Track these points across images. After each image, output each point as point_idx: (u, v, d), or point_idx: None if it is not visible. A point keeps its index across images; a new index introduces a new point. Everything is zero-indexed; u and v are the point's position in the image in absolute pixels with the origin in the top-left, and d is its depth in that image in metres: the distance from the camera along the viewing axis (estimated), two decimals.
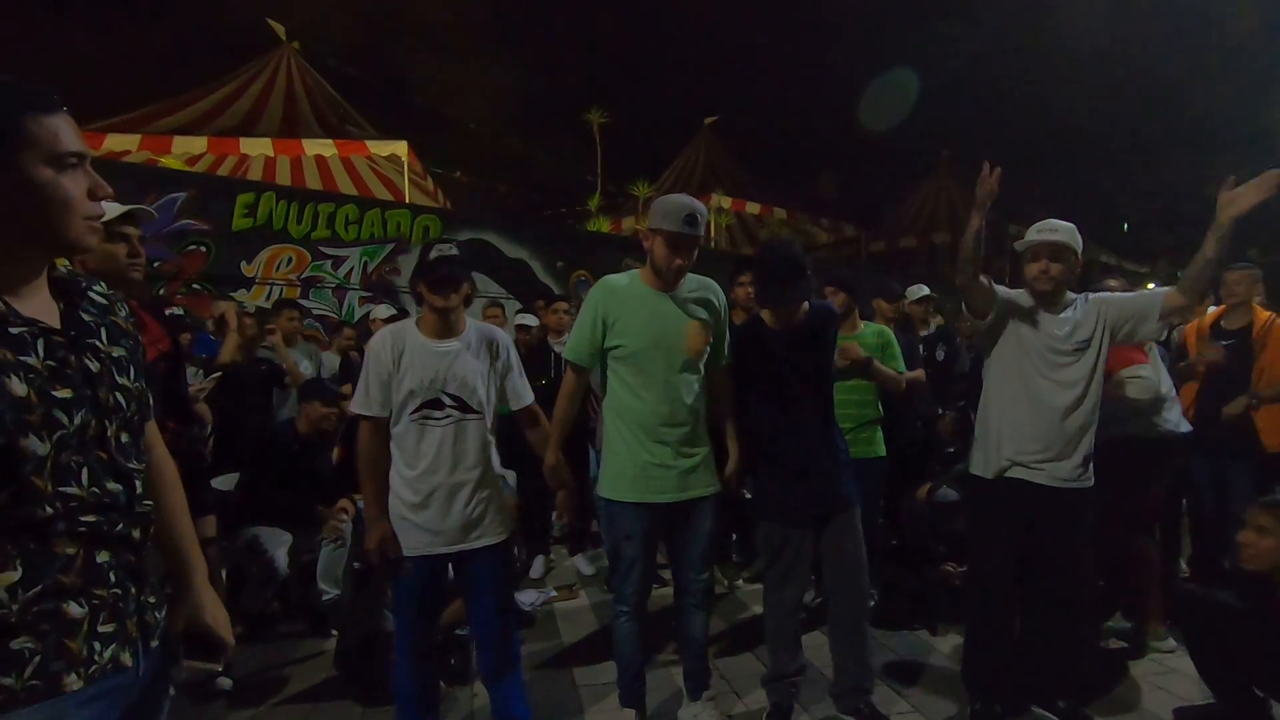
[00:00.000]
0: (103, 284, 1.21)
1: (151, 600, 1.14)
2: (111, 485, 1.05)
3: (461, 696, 2.92)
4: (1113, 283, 4.01)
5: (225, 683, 2.95)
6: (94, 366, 1.07)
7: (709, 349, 2.50)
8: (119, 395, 1.10)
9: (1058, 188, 18.29)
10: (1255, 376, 3.52)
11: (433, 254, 2.27)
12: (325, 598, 3.57)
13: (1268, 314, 3.64)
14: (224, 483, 3.73)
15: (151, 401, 1.21)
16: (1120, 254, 17.39)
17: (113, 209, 2.12)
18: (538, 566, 4.49)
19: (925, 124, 18.45)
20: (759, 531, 2.80)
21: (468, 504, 2.28)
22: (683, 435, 2.43)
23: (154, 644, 1.13)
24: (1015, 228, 14.49)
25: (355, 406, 2.31)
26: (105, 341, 1.11)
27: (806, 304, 2.63)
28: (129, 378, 1.14)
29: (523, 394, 2.46)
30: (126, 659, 1.06)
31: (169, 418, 2.39)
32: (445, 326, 2.30)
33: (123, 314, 1.19)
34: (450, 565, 2.35)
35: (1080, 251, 2.64)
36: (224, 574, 3.24)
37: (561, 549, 4.84)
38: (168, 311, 3.95)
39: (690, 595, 2.59)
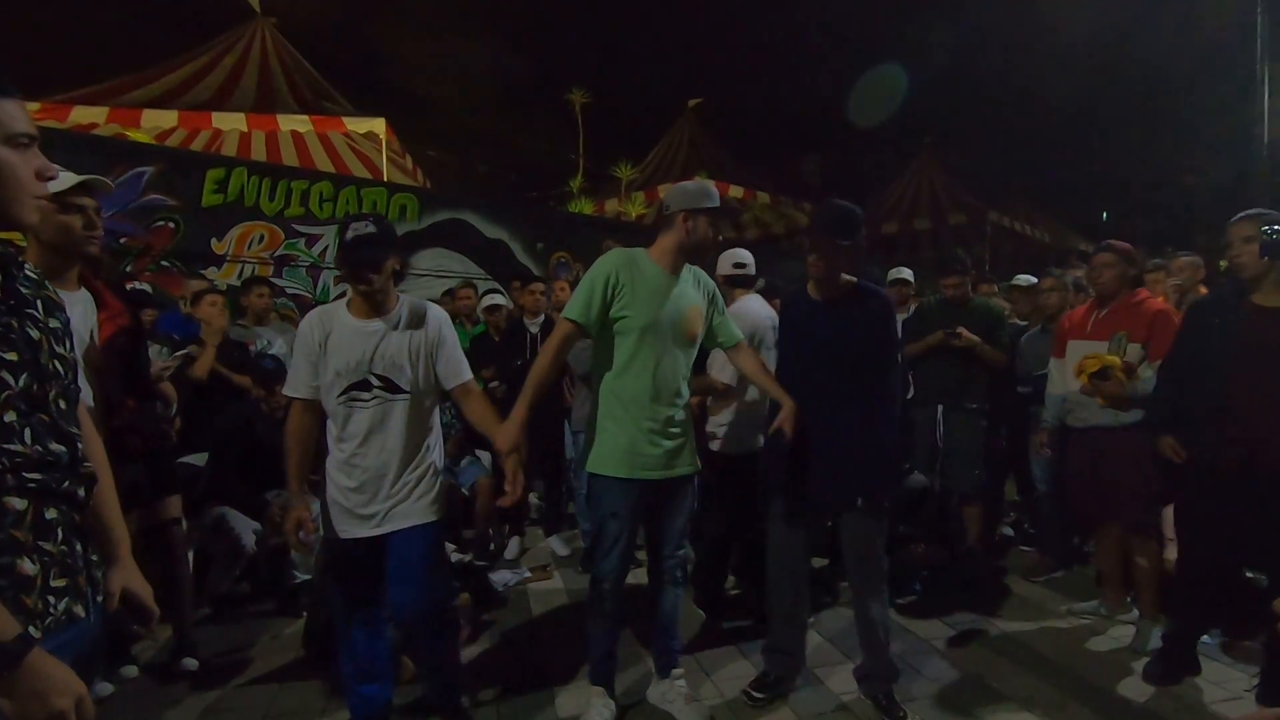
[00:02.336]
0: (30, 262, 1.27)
1: (95, 558, 1.19)
2: (54, 446, 1.10)
3: None
4: (1077, 273, 4.07)
5: (190, 663, 2.92)
6: (34, 334, 1.12)
7: (703, 333, 2.56)
8: (58, 363, 1.16)
9: (1038, 176, 18.41)
10: None
11: (349, 234, 2.16)
12: (297, 580, 3.56)
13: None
14: (199, 460, 3.69)
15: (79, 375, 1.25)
16: (1099, 243, 17.53)
17: (66, 179, 2.05)
18: (513, 547, 4.49)
19: (908, 110, 18.45)
20: (769, 502, 2.76)
21: (394, 485, 2.25)
22: (672, 415, 2.45)
23: (99, 598, 1.19)
24: (995, 214, 14.61)
25: (285, 388, 2.30)
26: (41, 312, 1.16)
27: (854, 280, 2.62)
28: (65, 348, 1.19)
29: (459, 371, 2.37)
30: (80, 611, 1.12)
31: (129, 394, 2.34)
32: (372, 306, 2.24)
33: (51, 289, 1.23)
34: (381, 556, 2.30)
35: None
36: (191, 555, 3.20)
37: (537, 530, 4.85)
38: (129, 286, 3.86)
39: (665, 573, 2.60)
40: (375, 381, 2.22)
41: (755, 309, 3.40)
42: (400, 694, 2.63)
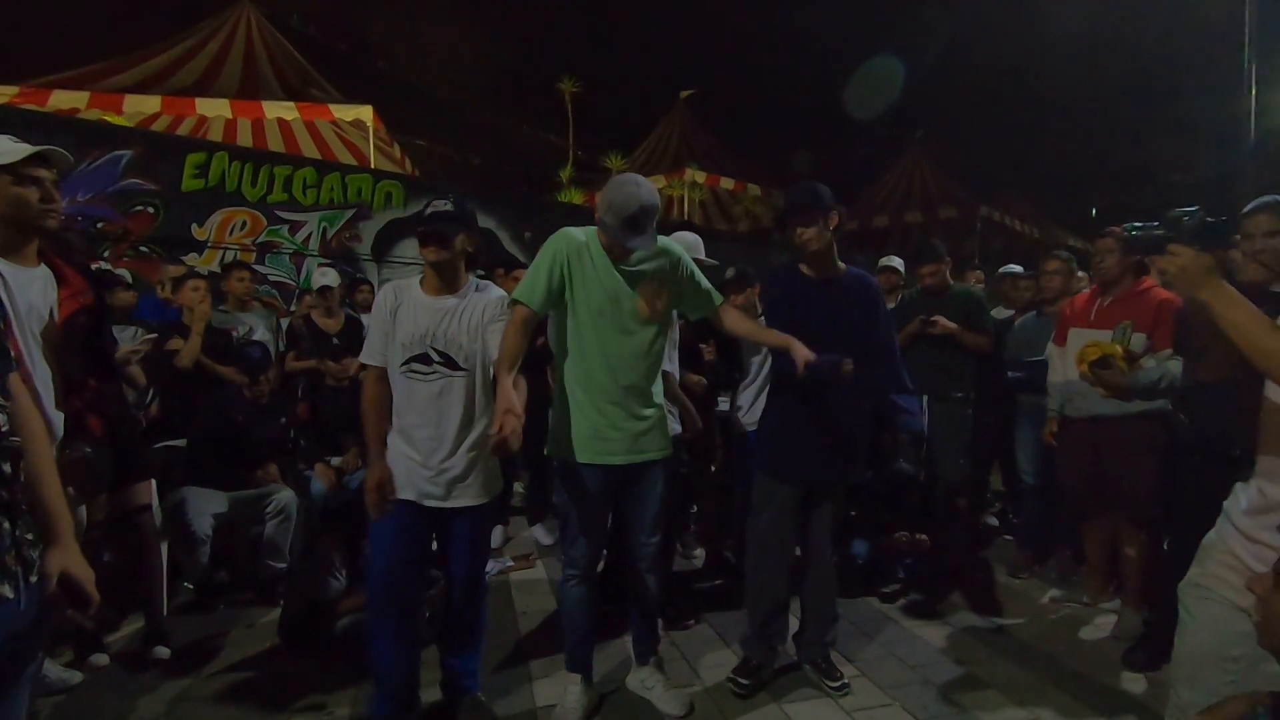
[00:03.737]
0: None
1: (29, 537, 1.14)
2: None
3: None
4: (1052, 264, 4.04)
5: (162, 652, 2.87)
6: None
7: (669, 307, 2.47)
8: None
9: (1029, 171, 18.45)
10: None
11: (428, 209, 2.27)
12: (273, 569, 3.51)
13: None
14: (181, 444, 3.64)
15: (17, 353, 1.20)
16: (1087, 238, 17.66)
17: (20, 150, 1.99)
18: (496, 536, 4.44)
19: (900, 104, 18.44)
20: (754, 481, 2.78)
21: (449, 460, 2.28)
22: (634, 398, 2.38)
23: (33, 579, 1.14)
24: (986, 209, 14.63)
25: (362, 355, 2.37)
26: None
27: (844, 266, 2.66)
28: None
29: (492, 352, 2.42)
30: (7, 590, 1.08)
31: (90, 375, 2.28)
32: (442, 283, 2.31)
33: None
34: (432, 530, 2.36)
35: None
36: (165, 546, 3.14)
37: (521, 519, 4.81)
38: (95, 267, 3.79)
39: (641, 560, 2.56)
40: (435, 356, 2.26)
41: None
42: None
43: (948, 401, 3.87)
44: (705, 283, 2.55)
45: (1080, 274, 4.30)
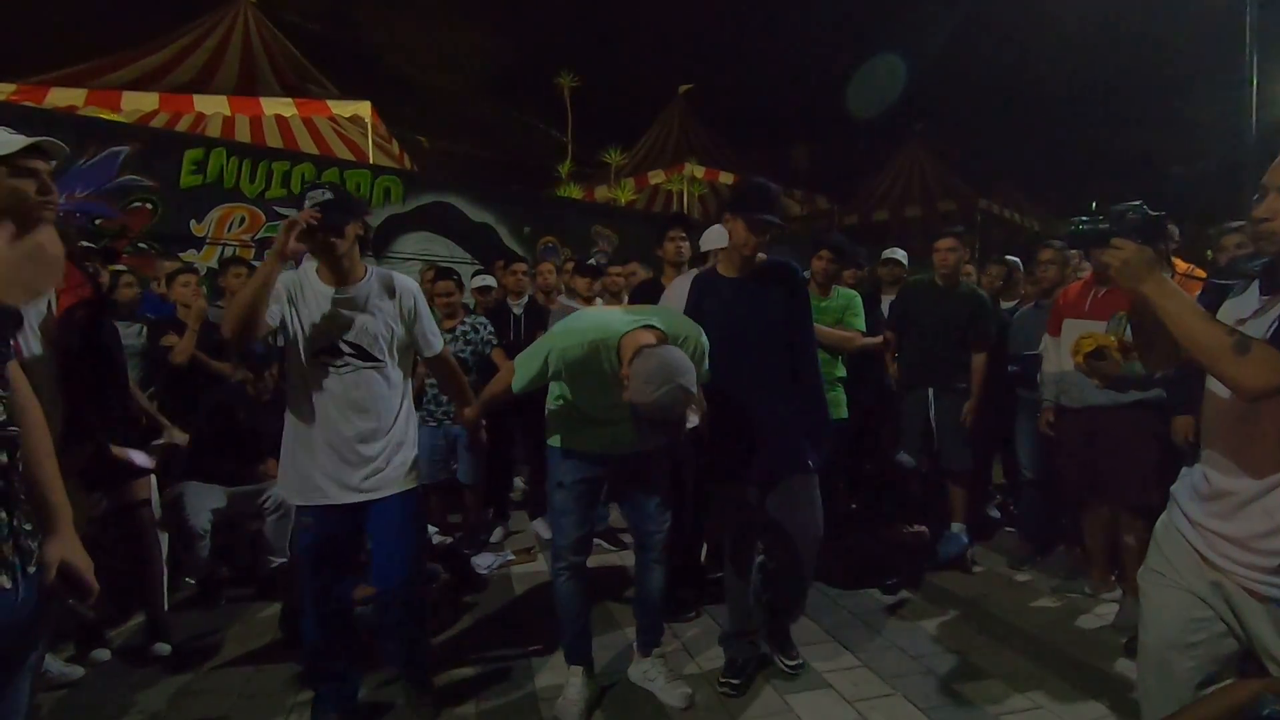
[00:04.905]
0: None
1: (28, 527, 1.14)
2: None
3: None
4: (1046, 254, 4.03)
5: (163, 648, 2.87)
6: None
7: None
8: None
9: (1029, 164, 18.42)
10: None
11: (306, 201, 2.14)
12: (274, 564, 3.52)
13: (1186, 265, 3.73)
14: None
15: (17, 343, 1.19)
16: None
17: (16, 141, 1.96)
18: (496, 533, 4.44)
19: (899, 98, 18.38)
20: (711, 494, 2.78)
21: (369, 452, 2.23)
22: (620, 410, 2.28)
23: (31, 569, 1.13)
24: (985, 202, 14.62)
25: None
26: None
27: (764, 255, 2.58)
28: None
29: (432, 342, 2.40)
30: (5, 581, 1.08)
31: (88, 367, 2.27)
32: (338, 274, 2.21)
33: None
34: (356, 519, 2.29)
35: None
36: (166, 538, 3.13)
37: (522, 513, 4.81)
38: (117, 268, 3.78)
39: (648, 550, 2.56)
40: (346, 349, 2.20)
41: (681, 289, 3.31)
42: (367, 681, 2.59)
43: (953, 393, 3.86)
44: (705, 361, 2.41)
45: (1085, 263, 4.28)
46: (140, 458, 2.85)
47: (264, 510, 3.51)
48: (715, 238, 3.03)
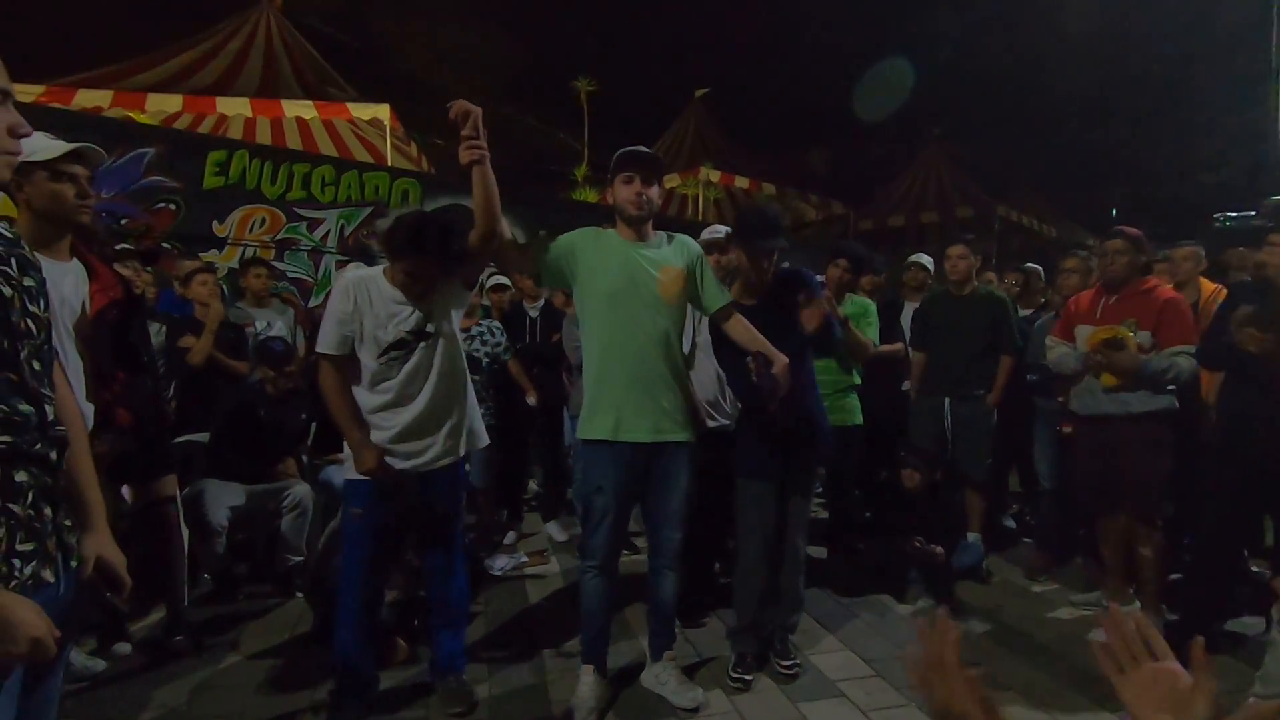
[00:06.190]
0: (5, 222, 1.25)
1: (68, 523, 1.17)
2: (23, 407, 1.07)
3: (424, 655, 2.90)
4: (1070, 262, 4.01)
5: (183, 643, 2.91)
6: (6, 291, 1.09)
7: (686, 296, 2.52)
8: (30, 321, 1.13)
9: (1047, 170, 18.24)
10: None
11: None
12: (290, 562, 3.56)
13: (1214, 286, 3.69)
14: (203, 438, 3.69)
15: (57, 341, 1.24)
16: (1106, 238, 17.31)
17: (57, 147, 2.03)
18: (510, 534, 4.47)
19: (916, 103, 18.28)
20: (737, 487, 2.82)
21: (431, 425, 2.40)
22: (656, 378, 2.42)
23: (73, 564, 1.16)
24: (1003, 209, 14.49)
25: (317, 345, 2.43)
26: (16, 270, 1.13)
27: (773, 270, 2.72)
28: (40, 307, 1.16)
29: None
30: (48, 575, 1.10)
31: (119, 367, 2.32)
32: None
33: (27, 249, 1.20)
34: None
35: None
36: (187, 535, 3.18)
37: (535, 516, 4.83)
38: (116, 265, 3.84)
39: (663, 555, 2.58)
40: (408, 337, 2.36)
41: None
42: (392, 676, 2.62)
43: (971, 400, 3.84)
44: (717, 289, 2.60)
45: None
46: None
47: (282, 508, 3.55)
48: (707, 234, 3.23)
